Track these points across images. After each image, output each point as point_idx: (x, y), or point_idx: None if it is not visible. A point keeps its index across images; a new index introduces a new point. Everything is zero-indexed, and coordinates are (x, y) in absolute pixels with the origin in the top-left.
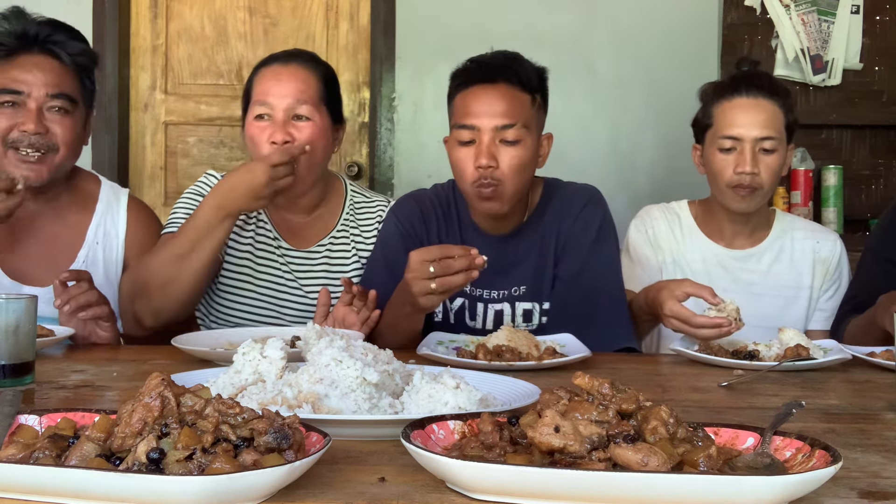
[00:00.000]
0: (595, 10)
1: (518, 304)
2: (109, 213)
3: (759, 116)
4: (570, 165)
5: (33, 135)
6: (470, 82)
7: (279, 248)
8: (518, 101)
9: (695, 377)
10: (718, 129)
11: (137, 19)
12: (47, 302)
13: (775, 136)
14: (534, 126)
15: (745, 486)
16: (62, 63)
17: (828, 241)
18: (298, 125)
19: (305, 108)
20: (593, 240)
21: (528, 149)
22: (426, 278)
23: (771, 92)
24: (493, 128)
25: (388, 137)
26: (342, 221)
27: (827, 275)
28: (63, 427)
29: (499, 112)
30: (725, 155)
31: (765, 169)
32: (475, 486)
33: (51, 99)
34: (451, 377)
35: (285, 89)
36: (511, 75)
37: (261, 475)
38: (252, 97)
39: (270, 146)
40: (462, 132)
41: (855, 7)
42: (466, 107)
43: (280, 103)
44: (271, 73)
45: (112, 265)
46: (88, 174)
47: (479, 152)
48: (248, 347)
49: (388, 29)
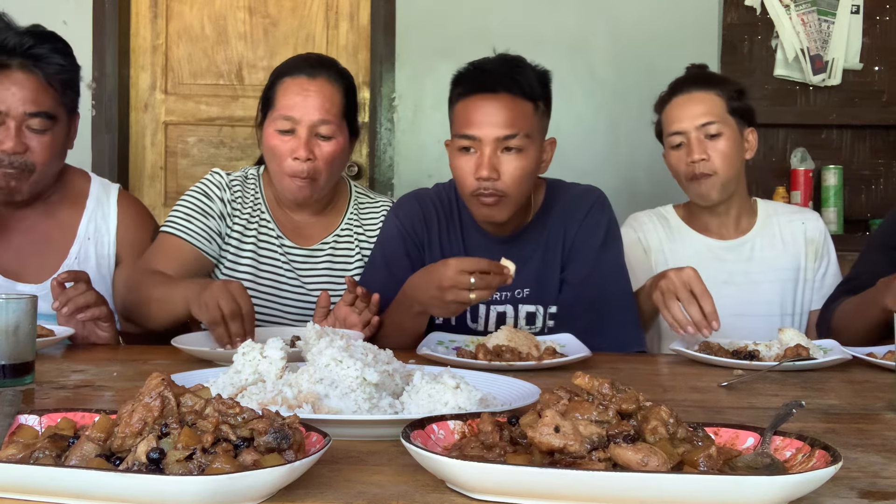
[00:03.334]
0: (595, 10)
1: (521, 306)
2: (100, 209)
3: (697, 108)
4: (570, 165)
5: (11, 154)
6: (470, 91)
7: (282, 246)
8: (520, 110)
9: (695, 377)
10: (666, 129)
11: (137, 19)
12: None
13: (716, 121)
14: (536, 133)
15: (745, 486)
16: (42, 80)
17: (812, 220)
18: (321, 143)
19: (329, 127)
20: (601, 243)
21: (531, 158)
22: (465, 288)
23: (705, 83)
24: (494, 139)
25: (388, 137)
26: (346, 221)
27: (817, 253)
28: (63, 427)
29: (500, 122)
30: (677, 151)
31: (715, 154)
32: (475, 486)
33: (29, 118)
34: (451, 377)
35: (311, 106)
36: (512, 84)
37: (261, 475)
38: (275, 107)
39: (293, 161)
40: (462, 141)
41: (855, 7)
42: (467, 116)
43: (305, 119)
44: (298, 86)
45: (104, 260)
46: (78, 171)
47: (479, 164)
48: (248, 347)
49: (388, 29)
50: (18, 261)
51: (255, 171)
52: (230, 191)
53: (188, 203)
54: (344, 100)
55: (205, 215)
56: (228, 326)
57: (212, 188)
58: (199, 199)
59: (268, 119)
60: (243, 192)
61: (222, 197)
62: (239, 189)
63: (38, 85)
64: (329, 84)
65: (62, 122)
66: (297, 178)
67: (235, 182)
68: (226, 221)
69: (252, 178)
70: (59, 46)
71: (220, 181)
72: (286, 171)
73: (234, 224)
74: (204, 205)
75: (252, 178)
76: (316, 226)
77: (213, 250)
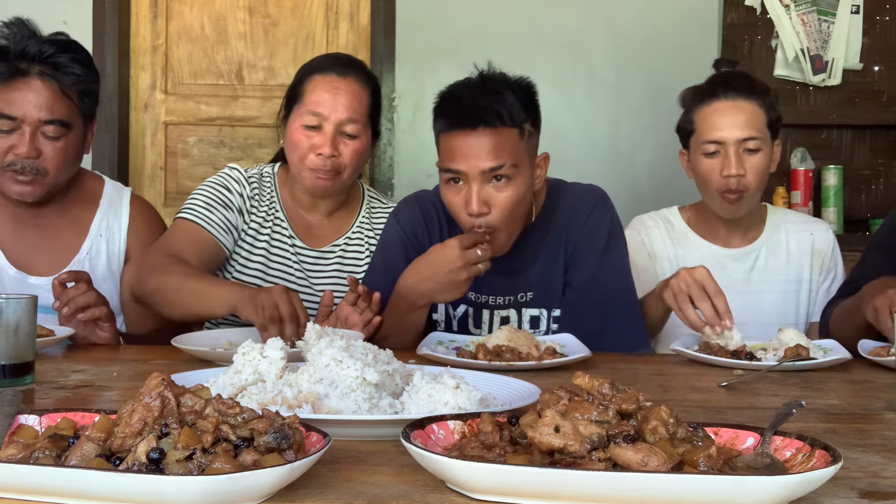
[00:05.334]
0: (595, 10)
1: (525, 310)
2: (112, 209)
3: (740, 118)
4: (570, 165)
5: (25, 159)
6: (451, 126)
7: (293, 246)
8: (504, 140)
9: (695, 377)
10: (701, 134)
11: (137, 19)
12: (49, 291)
13: (758, 136)
14: (524, 158)
15: (745, 486)
16: (59, 89)
17: (821, 232)
18: (346, 142)
19: (355, 126)
20: (604, 245)
21: (520, 185)
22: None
23: (749, 92)
24: (479, 172)
25: (388, 137)
26: (358, 224)
27: (823, 266)
28: (63, 427)
29: (484, 156)
30: (710, 159)
31: (750, 170)
32: (475, 486)
33: (44, 125)
34: (451, 377)
35: (340, 103)
36: (493, 117)
37: (261, 475)
38: (303, 103)
39: (317, 157)
40: (448, 174)
41: (855, 7)
42: (450, 151)
43: (332, 117)
44: (329, 84)
45: (115, 257)
46: (92, 174)
47: (468, 199)
48: (248, 347)
49: (388, 29)
50: (31, 254)
51: (270, 170)
52: (248, 187)
53: (207, 193)
54: (371, 101)
55: (224, 206)
56: (285, 328)
57: (231, 182)
58: (219, 191)
59: (293, 114)
60: (260, 189)
61: (241, 192)
62: (256, 186)
63: (54, 93)
64: (358, 84)
65: (77, 129)
66: (320, 171)
67: (253, 179)
68: (244, 217)
69: (268, 177)
70: (79, 56)
71: (239, 177)
72: (308, 165)
73: (251, 221)
74: (224, 196)
75: (268, 177)
76: (328, 227)
77: (230, 242)
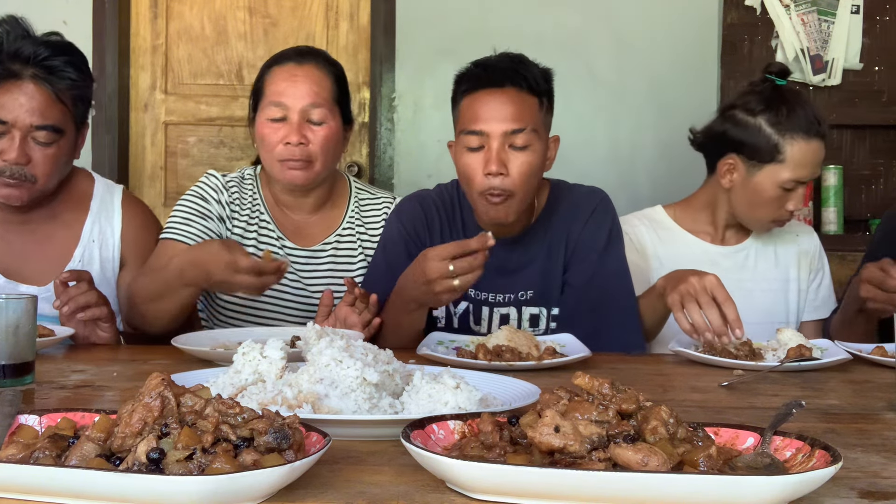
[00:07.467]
0: (595, 11)
1: (525, 308)
2: (104, 211)
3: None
4: (570, 166)
5: (14, 164)
6: (477, 87)
7: (283, 247)
8: (526, 104)
9: (695, 377)
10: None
11: (137, 19)
12: (45, 301)
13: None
14: (542, 129)
15: (745, 486)
16: (52, 93)
17: (805, 234)
18: (314, 129)
19: (321, 111)
20: (604, 246)
21: (538, 153)
22: (448, 277)
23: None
24: (502, 133)
25: (388, 137)
26: (347, 219)
27: (812, 266)
28: (63, 427)
29: (508, 116)
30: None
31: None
32: (475, 486)
33: (35, 130)
34: (451, 377)
35: (301, 91)
36: (519, 79)
37: (261, 475)
38: (265, 96)
39: (285, 147)
40: (470, 138)
41: (855, 7)
42: (474, 112)
43: (295, 104)
44: (286, 72)
45: (109, 263)
46: (82, 172)
47: (488, 158)
48: (248, 347)
49: (388, 29)
50: (21, 262)
51: (252, 172)
52: (227, 192)
53: (185, 207)
54: (334, 86)
55: (203, 217)
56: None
57: (208, 191)
58: (196, 203)
59: (259, 110)
60: (241, 193)
61: (220, 199)
62: (236, 190)
63: (47, 98)
64: (317, 69)
65: (69, 135)
66: (291, 161)
67: (232, 183)
68: (225, 224)
69: (249, 179)
70: (74, 60)
71: (217, 183)
72: (278, 157)
73: (234, 227)
74: (202, 207)
75: (249, 179)
76: (317, 225)
77: None
